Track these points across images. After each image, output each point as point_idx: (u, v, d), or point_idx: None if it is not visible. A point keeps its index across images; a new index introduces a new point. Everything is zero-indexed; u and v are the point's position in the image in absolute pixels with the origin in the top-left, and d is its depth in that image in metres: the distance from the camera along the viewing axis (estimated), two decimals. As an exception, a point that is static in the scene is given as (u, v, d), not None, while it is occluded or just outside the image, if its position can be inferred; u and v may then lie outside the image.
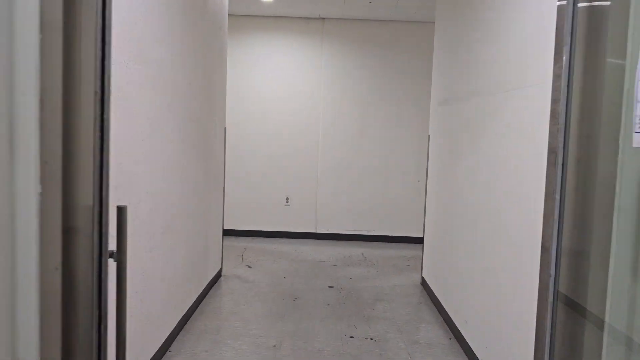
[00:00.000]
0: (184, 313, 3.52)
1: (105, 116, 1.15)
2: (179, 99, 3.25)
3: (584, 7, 1.61)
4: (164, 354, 3.08)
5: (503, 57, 2.80)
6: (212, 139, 4.24)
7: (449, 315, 3.68)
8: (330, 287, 4.61)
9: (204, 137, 3.99)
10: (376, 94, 6.52)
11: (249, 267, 5.23)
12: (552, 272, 1.65)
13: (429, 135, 4.74)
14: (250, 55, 6.55)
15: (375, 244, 6.52)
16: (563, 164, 1.64)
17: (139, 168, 2.60)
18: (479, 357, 2.98)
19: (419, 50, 6.46)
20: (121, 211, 1.22)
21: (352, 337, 3.47)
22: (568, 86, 1.62)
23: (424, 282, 4.68)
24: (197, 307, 3.88)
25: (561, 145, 1.64)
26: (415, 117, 6.53)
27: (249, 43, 6.55)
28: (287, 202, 6.66)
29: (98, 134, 1.13)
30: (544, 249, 1.72)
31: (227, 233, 6.66)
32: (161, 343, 3.03)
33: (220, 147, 4.74)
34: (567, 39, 1.61)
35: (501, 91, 2.82)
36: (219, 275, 4.73)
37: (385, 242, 6.61)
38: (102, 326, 1.16)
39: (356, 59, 6.50)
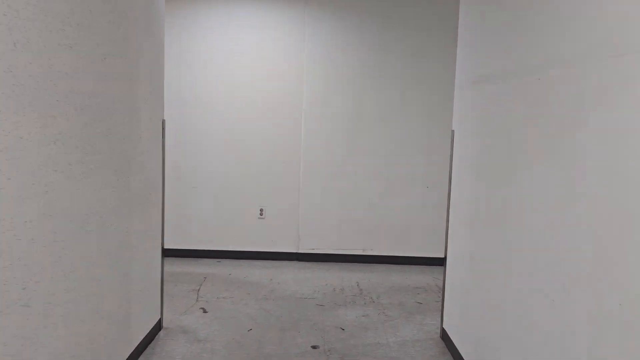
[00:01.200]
0: None
1: None
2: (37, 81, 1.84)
3: None
4: None
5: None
6: (135, 141, 2.83)
7: (499, 416, 2.34)
8: (314, 347, 3.24)
9: (118, 140, 2.59)
10: (374, 79, 5.14)
11: (204, 310, 3.83)
12: None
13: (452, 131, 3.37)
14: (209, 29, 5.13)
15: (373, 267, 5.16)
16: None
17: None
18: None
19: (430, 20, 5.08)
20: None
21: None
22: None
23: (445, 336, 3.33)
24: (105, 400, 2.49)
25: None
26: (424, 106, 5.15)
27: (206, 13, 5.12)
28: (260, 214, 5.27)
29: None
30: None
31: (184, 254, 5.27)
32: None
33: (156, 148, 3.34)
34: None
35: (630, 52, 1.46)
36: (156, 329, 3.34)
37: (385, 263, 5.26)
38: None
39: (349, 34, 5.11)
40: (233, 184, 5.24)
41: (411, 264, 5.26)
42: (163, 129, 3.40)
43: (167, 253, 5.26)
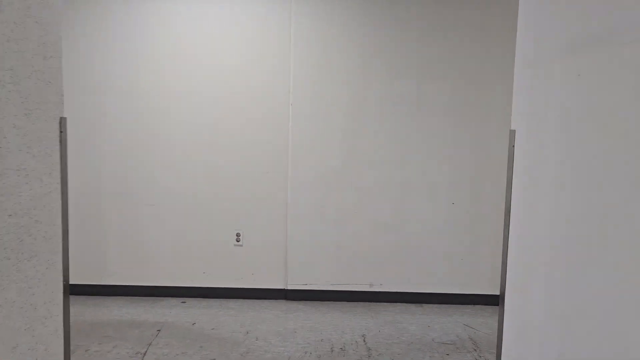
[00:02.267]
0: None
1: None
2: None
3: None
4: None
5: None
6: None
7: None
8: None
9: None
10: (382, 64, 3.96)
11: (143, 394, 2.66)
12: None
13: (511, 130, 2.18)
14: (168, 10, 3.95)
15: (383, 308, 3.97)
16: None
17: None
18: None
19: (451, -12, 3.90)
20: None
21: None
22: None
23: None
24: None
25: None
26: (448, 100, 3.97)
27: (170, -22, 3.95)
28: (237, 240, 4.09)
29: None
30: None
31: (140, 292, 4.10)
32: None
33: (45, 158, 2.15)
34: None
35: None
36: None
37: (399, 302, 4.07)
38: None
39: (350, 3, 3.92)
40: (201, 202, 4.05)
41: (432, 303, 4.07)
42: (61, 130, 2.22)
43: (117, 291, 4.08)
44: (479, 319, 3.77)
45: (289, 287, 4.07)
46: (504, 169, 3.98)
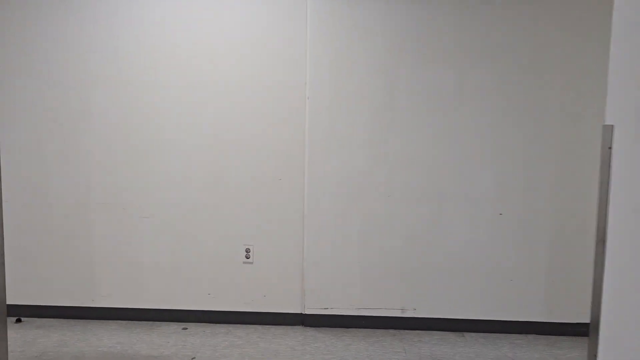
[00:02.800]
0: None
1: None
2: None
3: None
4: None
5: None
6: None
7: None
8: None
9: None
10: (416, 49, 3.35)
11: None
12: None
13: (608, 126, 1.55)
14: (169, -25, 3.41)
15: (418, 338, 3.36)
16: None
17: None
18: None
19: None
20: None
21: None
22: None
23: None
24: None
25: None
26: (497, 92, 3.34)
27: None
28: (247, 256, 3.52)
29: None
30: None
31: (135, 316, 3.57)
32: None
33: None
34: None
35: None
36: None
37: (436, 330, 3.45)
38: None
39: (374, -20, 3.33)
40: (204, 212, 3.50)
41: (475, 331, 3.45)
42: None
43: (109, 315, 3.55)
44: (535, 354, 3.14)
45: (307, 312, 3.49)
46: (563, 173, 3.35)
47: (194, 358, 3.00)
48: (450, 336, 3.38)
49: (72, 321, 3.58)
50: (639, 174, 1.47)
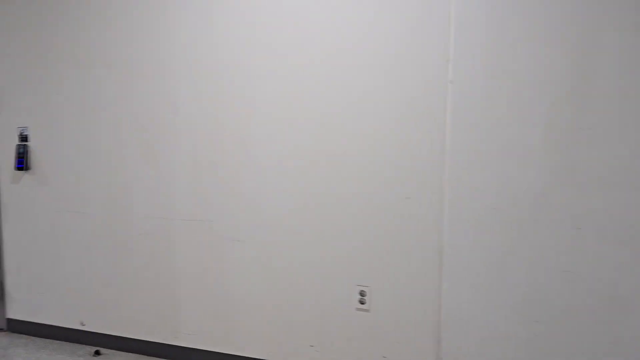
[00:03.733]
0: None
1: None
2: None
3: None
4: None
5: None
6: None
7: None
8: None
9: None
10: (619, 6, 2.11)
11: None
12: None
13: None
14: None
15: None
16: None
17: None
18: None
19: None
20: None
21: None
22: None
23: None
24: None
25: None
26: None
27: None
28: (361, 301, 2.60)
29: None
30: None
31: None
32: None
33: None
34: None
35: None
36: None
37: None
38: None
39: None
40: (307, 239, 2.64)
41: None
42: None
43: (193, 357, 2.89)
44: None
45: (444, 383, 2.50)
46: None
47: None
48: None
49: (154, 359, 2.99)
50: None
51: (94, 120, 3.00)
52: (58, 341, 3.24)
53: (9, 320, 3.37)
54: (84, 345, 3.17)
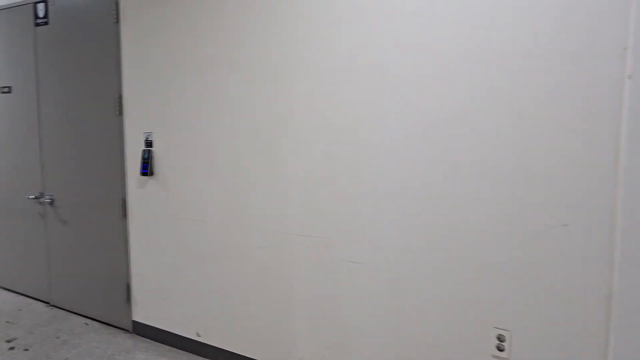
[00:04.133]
0: None
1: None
2: None
3: None
4: None
5: None
6: None
7: None
8: None
9: None
10: None
11: None
12: None
13: None
14: None
15: None
16: None
17: None
18: None
19: None
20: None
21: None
22: None
23: None
24: None
25: None
26: None
27: None
28: (500, 347, 2.14)
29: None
30: None
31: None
32: None
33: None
34: None
35: None
36: None
37: None
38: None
39: None
40: (433, 267, 2.24)
41: None
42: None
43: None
44: None
45: None
46: None
47: None
48: None
49: (264, 380, 2.82)
50: None
51: (211, 126, 2.90)
52: (176, 349, 3.23)
53: (134, 323, 3.45)
54: (199, 357, 3.10)
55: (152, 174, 3.22)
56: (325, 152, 2.49)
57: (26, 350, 3.17)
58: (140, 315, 3.42)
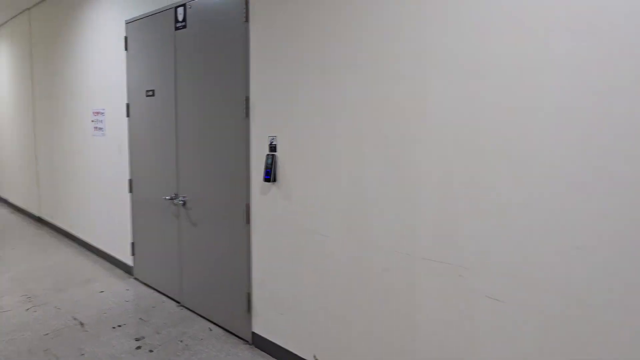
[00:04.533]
0: None
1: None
2: None
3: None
4: None
5: None
6: None
7: None
8: None
9: None
10: None
11: None
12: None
13: None
14: None
15: None
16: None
17: None
18: None
19: None
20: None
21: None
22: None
23: None
24: None
25: None
26: None
27: None
28: None
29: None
30: None
31: None
32: None
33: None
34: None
35: None
36: None
37: None
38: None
39: None
40: (604, 312, 1.67)
41: None
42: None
43: None
44: None
45: None
46: None
47: None
48: None
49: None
50: None
51: (333, 128, 2.60)
52: (292, 369, 3.00)
53: (254, 335, 3.30)
54: (315, 382, 2.83)
55: (274, 180, 3.03)
56: (463, 164, 2.03)
57: (151, 351, 3.19)
58: (259, 327, 3.26)
